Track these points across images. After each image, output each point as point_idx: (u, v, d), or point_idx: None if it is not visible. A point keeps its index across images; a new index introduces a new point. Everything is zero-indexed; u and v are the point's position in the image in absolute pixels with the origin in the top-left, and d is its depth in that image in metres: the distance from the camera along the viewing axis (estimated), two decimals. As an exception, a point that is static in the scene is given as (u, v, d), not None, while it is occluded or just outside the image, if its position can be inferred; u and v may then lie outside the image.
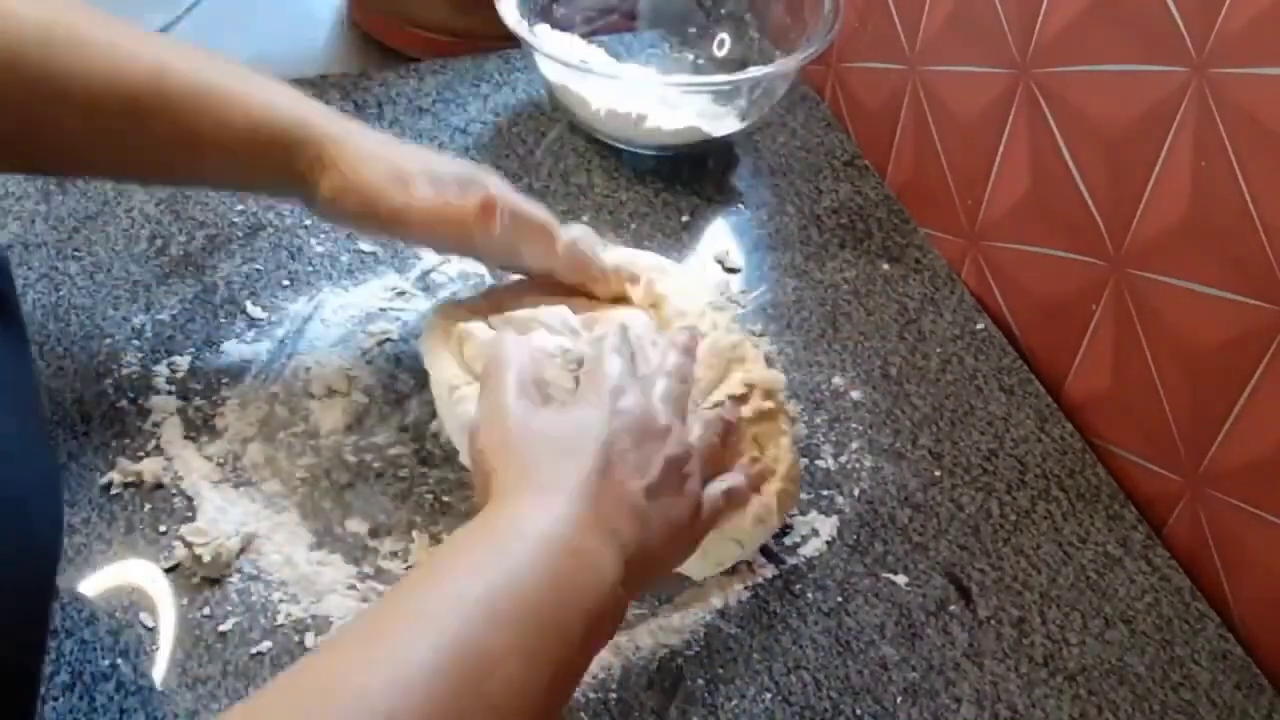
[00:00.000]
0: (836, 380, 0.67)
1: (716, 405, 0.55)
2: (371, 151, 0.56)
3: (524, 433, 0.46)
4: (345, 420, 0.61)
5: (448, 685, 0.35)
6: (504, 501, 0.44)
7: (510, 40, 0.79)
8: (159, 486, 0.57)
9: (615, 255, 0.62)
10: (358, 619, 0.41)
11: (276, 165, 0.55)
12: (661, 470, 0.46)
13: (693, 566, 0.54)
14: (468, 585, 0.39)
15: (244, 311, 0.67)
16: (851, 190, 0.82)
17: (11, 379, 0.46)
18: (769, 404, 0.56)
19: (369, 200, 0.55)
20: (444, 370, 0.57)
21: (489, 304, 0.60)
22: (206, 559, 0.54)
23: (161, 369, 0.63)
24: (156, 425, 0.60)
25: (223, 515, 0.56)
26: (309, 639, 0.52)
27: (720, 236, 0.77)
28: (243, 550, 0.55)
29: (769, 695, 0.53)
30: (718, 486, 0.51)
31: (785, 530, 0.59)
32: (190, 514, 0.56)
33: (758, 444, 0.55)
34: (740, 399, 0.55)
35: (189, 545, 0.54)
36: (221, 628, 0.52)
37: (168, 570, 0.54)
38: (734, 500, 0.52)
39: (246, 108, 0.54)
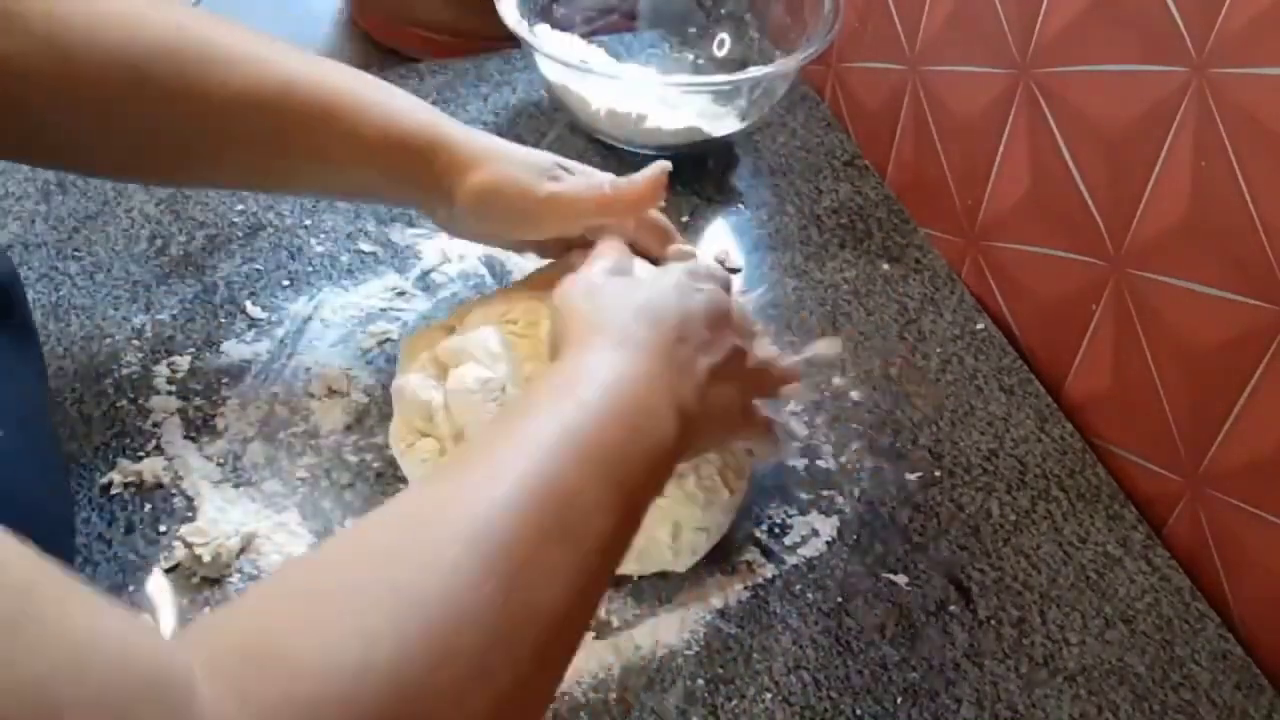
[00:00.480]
0: (836, 380, 0.67)
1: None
2: (503, 150, 0.57)
3: (606, 292, 0.49)
4: (345, 420, 0.61)
5: (533, 514, 0.36)
6: (581, 350, 0.45)
7: (510, 40, 0.79)
8: (159, 486, 0.57)
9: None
10: (438, 470, 0.41)
11: (410, 174, 0.56)
12: (726, 356, 0.48)
13: (672, 559, 0.55)
14: (546, 425, 0.39)
15: (244, 311, 0.67)
16: (851, 190, 0.82)
17: (21, 383, 0.46)
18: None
19: (520, 191, 0.56)
20: (399, 421, 0.57)
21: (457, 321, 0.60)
22: (206, 559, 0.54)
23: (161, 369, 0.63)
24: (156, 425, 0.60)
25: (223, 515, 0.56)
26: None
27: (720, 236, 0.77)
28: (243, 550, 0.55)
29: (769, 695, 0.53)
30: (758, 404, 0.54)
31: (785, 530, 0.59)
32: (190, 514, 0.56)
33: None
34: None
35: (189, 545, 0.54)
36: (221, 628, 0.52)
37: (168, 570, 0.54)
38: (764, 423, 0.55)
39: (374, 120, 0.55)
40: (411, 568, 0.33)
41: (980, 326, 0.72)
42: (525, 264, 0.70)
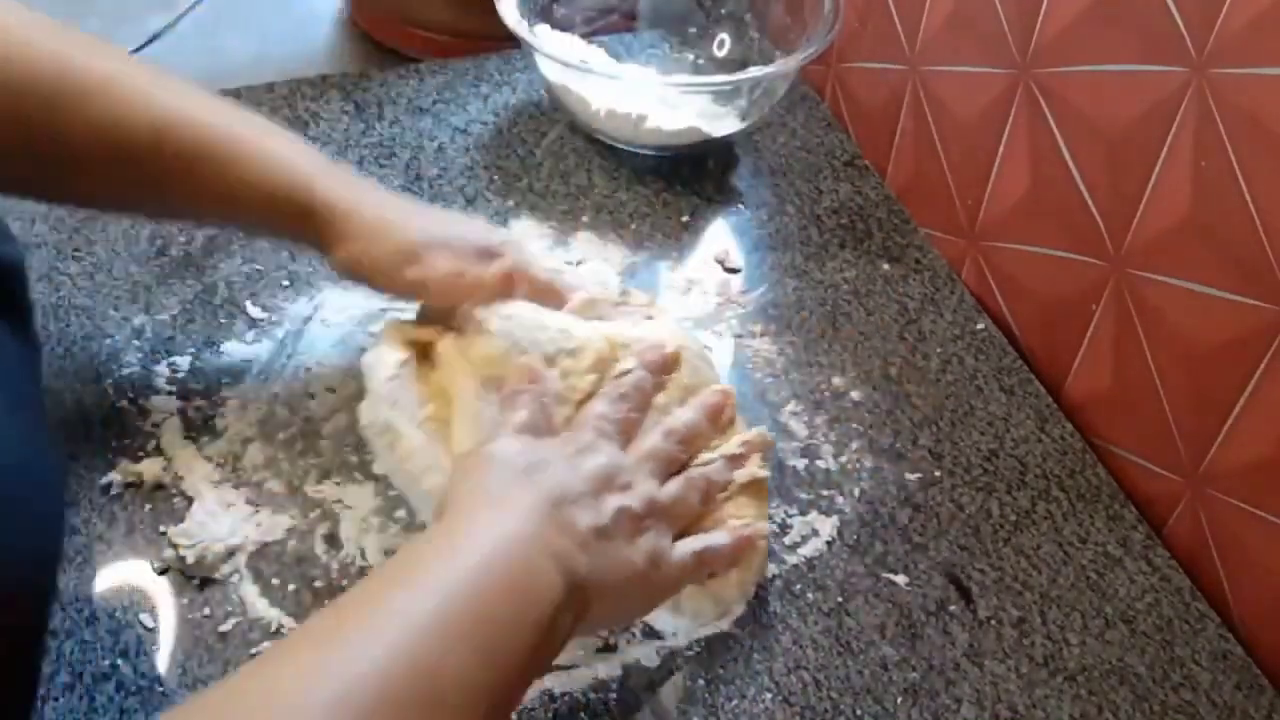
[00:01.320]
0: (836, 380, 0.67)
1: (707, 463, 0.55)
2: (381, 222, 0.56)
3: (491, 455, 0.48)
4: (345, 420, 0.61)
5: (396, 697, 0.35)
6: (457, 514, 0.45)
7: (510, 40, 0.79)
8: (159, 487, 0.57)
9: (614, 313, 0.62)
10: (305, 628, 0.40)
11: (283, 231, 0.56)
12: (612, 518, 0.47)
13: (671, 623, 0.55)
14: (418, 595, 0.39)
15: (244, 311, 0.67)
16: (851, 190, 0.82)
17: (19, 382, 0.46)
18: (763, 472, 0.56)
19: (383, 275, 0.56)
20: (378, 409, 0.55)
21: (438, 320, 0.59)
22: (191, 560, 0.54)
23: (161, 369, 0.63)
24: (156, 425, 0.60)
25: (212, 518, 0.56)
26: (309, 639, 0.52)
27: (720, 236, 0.77)
28: (232, 553, 0.55)
29: (769, 695, 0.53)
30: (690, 545, 0.51)
31: (785, 530, 0.59)
32: (190, 514, 0.56)
33: (750, 504, 0.55)
34: (736, 459, 0.56)
35: (174, 546, 0.54)
36: (221, 628, 0.52)
37: (160, 572, 0.54)
38: (707, 560, 0.52)
39: (248, 174, 0.53)
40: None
41: (980, 326, 0.72)
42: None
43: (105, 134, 0.50)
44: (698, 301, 0.72)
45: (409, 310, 0.62)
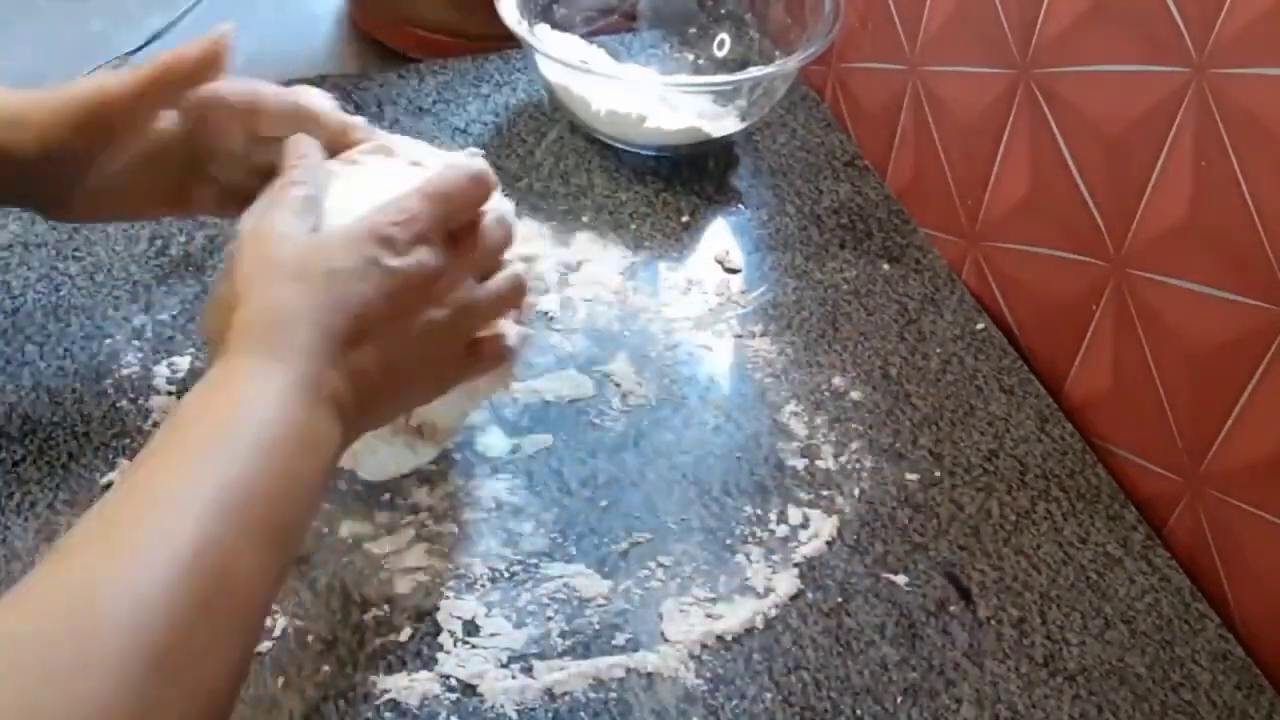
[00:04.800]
0: (836, 380, 0.67)
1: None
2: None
3: (272, 259, 0.42)
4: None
5: (189, 593, 0.34)
6: (240, 370, 0.40)
7: (510, 40, 0.79)
8: (159, 486, 0.57)
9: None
10: (87, 520, 0.36)
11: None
12: (411, 344, 0.44)
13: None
14: (197, 481, 0.36)
15: (244, 311, 0.67)
16: (851, 190, 0.82)
17: None
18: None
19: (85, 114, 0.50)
20: None
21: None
22: None
23: (161, 369, 0.63)
24: (156, 425, 0.60)
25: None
26: (309, 639, 0.52)
27: (720, 236, 0.77)
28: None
29: (769, 695, 0.53)
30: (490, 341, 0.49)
31: (785, 530, 0.59)
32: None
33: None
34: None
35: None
36: (221, 628, 0.52)
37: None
38: (479, 363, 0.50)
39: None
40: (68, 668, 0.31)
41: (980, 326, 0.72)
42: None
43: None
44: (698, 301, 0.72)
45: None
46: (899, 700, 0.53)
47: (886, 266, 0.76)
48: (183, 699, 0.33)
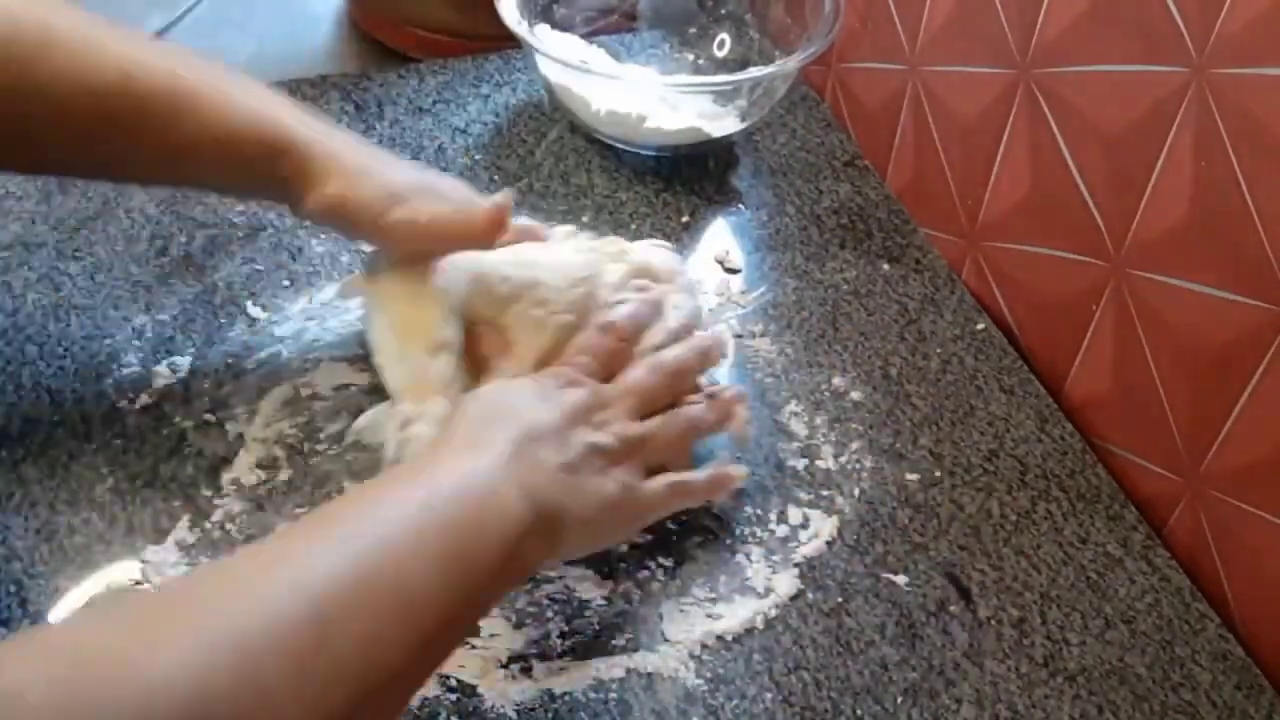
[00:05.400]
0: (836, 380, 0.67)
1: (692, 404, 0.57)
2: (363, 164, 0.56)
3: (474, 397, 0.51)
4: (346, 420, 0.61)
5: (366, 599, 0.37)
6: (433, 454, 0.48)
7: (510, 40, 0.79)
8: (161, 487, 0.57)
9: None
10: (274, 538, 0.42)
11: (257, 173, 0.55)
12: (581, 454, 0.49)
13: None
14: (389, 515, 0.41)
15: (244, 311, 0.67)
16: (851, 190, 0.81)
17: None
18: (746, 422, 0.59)
19: (368, 216, 0.56)
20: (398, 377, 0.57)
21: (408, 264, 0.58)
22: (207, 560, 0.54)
23: (162, 369, 0.63)
24: (157, 424, 0.60)
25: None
26: (309, 639, 0.52)
27: (720, 237, 0.77)
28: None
29: (769, 695, 0.53)
30: (664, 478, 0.53)
31: (785, 530, 0.59)
32: (191, 514, 0.56)
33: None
34: (720, 404, 0.58)
35: (190, 546, 0.54)
36: (221, 628, 0.52)
37: (138, 583, 0.54)
38: (681, 493, 0.54)
39: (221, 113, 0.53)
40: (239, 603, 0.35)
41: (980, 326, 0.72)
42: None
43: (72, 81, 0.49)
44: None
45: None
46: (899, 700, 0.53)
47: (886, 266, 0.76)
48: (333, 670, 0.35)
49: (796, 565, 0.58)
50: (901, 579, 0.58)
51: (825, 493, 0.61)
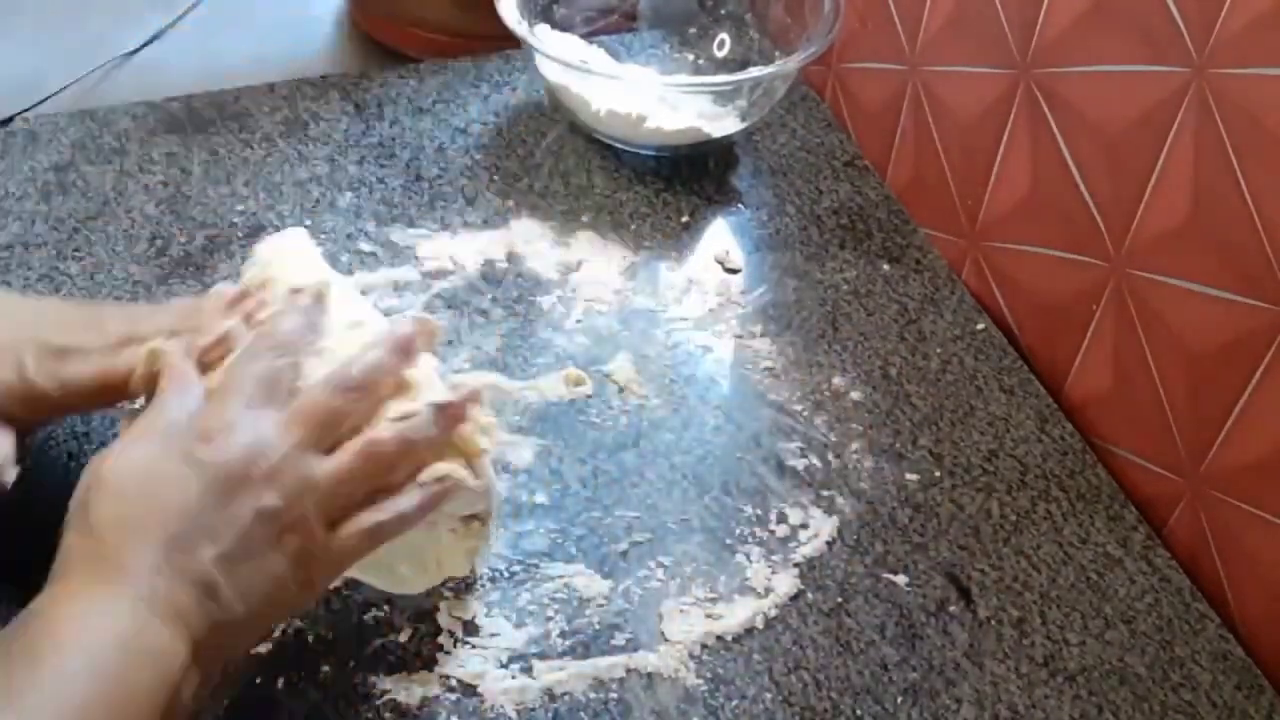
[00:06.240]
0: (836, 380, 0.67)
1: (405, 416, 0.45)
2: None
3: (100, 479, 0.40)
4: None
5: None
6: (58, 591, 0.38)
7: (510, 40, 0.79)
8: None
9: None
10: None
11: None
12: (242, 535, 0.40)
13: (383, 583, 0.51)
14: (56, 684, 0.35)
15: (244, 311, 0.67)
16: (851, 190, 0.82)
17: None
18: (486, 419, 0.47)
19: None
20: None
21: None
22: None
23: (161, 369, 0.63)
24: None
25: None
26: (309, 639, 0.52)
27: (720, 237, 0.77)
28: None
29: (769, 695, 0.53)
30: (356, 525, 0.43)
31: (785, 530, 0.59)
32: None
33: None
34: (448, 409, 0.46)
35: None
36: (221, 628, 0.52)
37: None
38: (382, 534, 0.44)
39: None
40: None
41: (980, 326, 0.72)
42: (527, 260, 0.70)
43: None
44: (698, 301, 0.72)
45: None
46: (899, 700, 0.53)
47: (886, 266, 0.76)
48: None
49: (796, 565, 0.58)
50: (901, 579, 0.58)
51: (825, 493, 0.61)
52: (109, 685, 0.36)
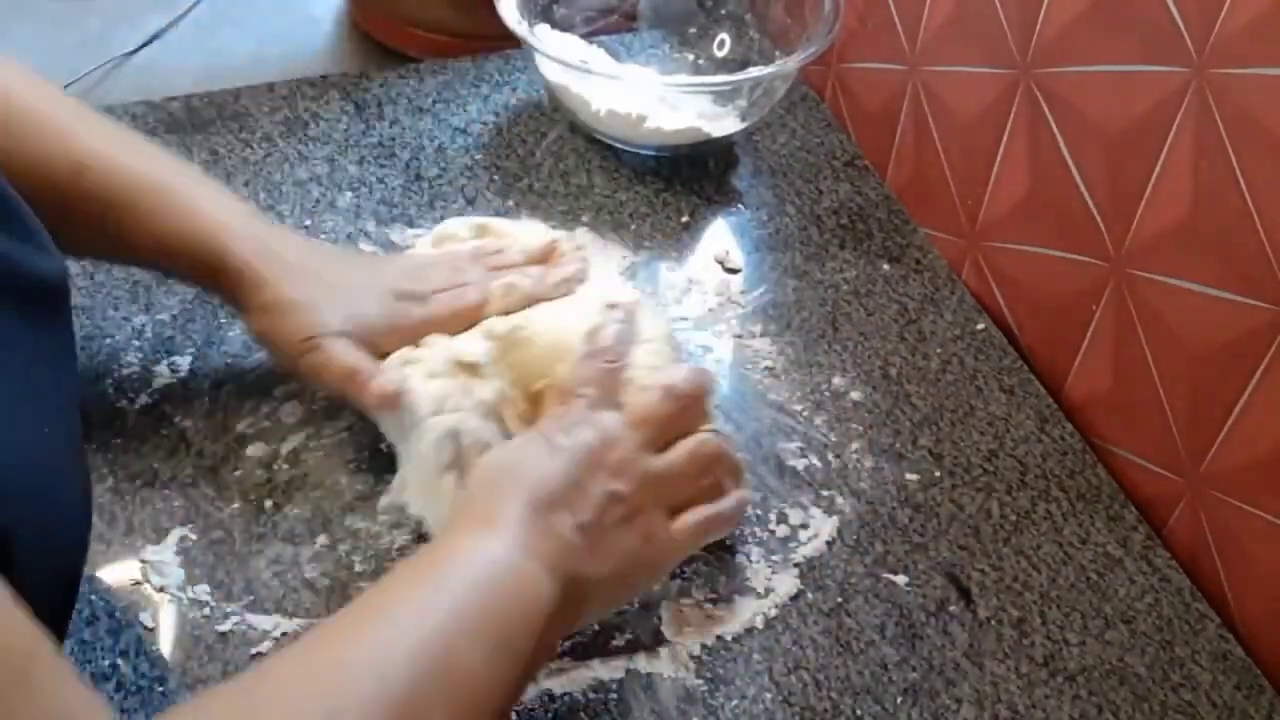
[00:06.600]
0: (836, 380, 0.67)
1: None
2: (284, 301, 0.54)
3: (483, 465, 0.49)
4: (348, 420, 0.61)
5: (423, 690, 0.38)
6: (450, 535, 0.47)
7: (510, 40, 0.79)
8: (161, 487, 0.57)
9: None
10: (327, 624, 0.42)
11: (197, 282, 0.57)
12: (598, 509, 0.47)
13: None
14: (434, 596, 0.42)
15: (244, 311, 0.67)
16: (851, 190, 0.82)
17: (56, 390, 0.45)
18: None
19: (284, 357, 0.56)
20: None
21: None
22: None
23: (162, 369, 0.63)
24: (157, 425, 0.60)
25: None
26: (309, 639, 0.52)
27: (720, 237, 0.77)
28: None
29: (769, 695, 0.53)
30: (693, 517, 0.52)
31: (785, 530, 0.59)
32: (190, 514, 0.56)
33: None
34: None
35: (190, 546, 0.54)
36: (220, 628, 0.52)
37: (135, 583, 0.54)
38: (709, 529, 0.53)
39: (160, 224, 0.53)
40: (334, 681, 0.37)
41: (980, 326, 0.72)
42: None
43: (25, 163, 0.49)
44: (698, 301, 0.72)
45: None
46: (899, 700, 0.53)
47: (886, 266, 0.76)
48: None
49: (796, 565, 0.58)
50: (901, 579, 0.58)
51: (825, 493, 0.61)
52: (505, 603, 0.43)
